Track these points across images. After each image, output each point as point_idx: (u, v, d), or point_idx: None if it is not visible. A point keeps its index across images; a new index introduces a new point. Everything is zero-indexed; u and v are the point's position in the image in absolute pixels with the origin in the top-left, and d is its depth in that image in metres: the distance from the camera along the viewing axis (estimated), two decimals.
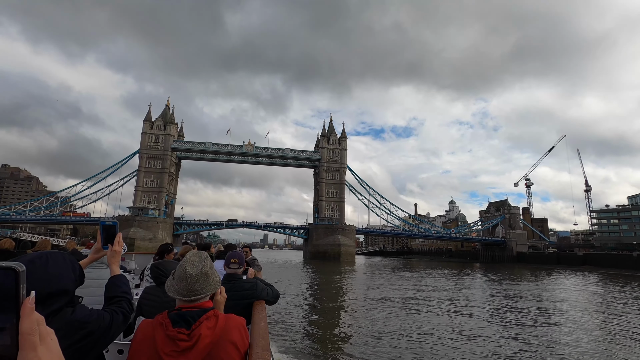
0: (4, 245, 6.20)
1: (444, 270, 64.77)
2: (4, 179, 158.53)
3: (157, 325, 1.89)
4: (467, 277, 52.88)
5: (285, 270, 58.04)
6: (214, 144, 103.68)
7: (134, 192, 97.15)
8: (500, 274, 59.76)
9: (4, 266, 0.57)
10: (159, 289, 3.40)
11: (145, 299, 3.36)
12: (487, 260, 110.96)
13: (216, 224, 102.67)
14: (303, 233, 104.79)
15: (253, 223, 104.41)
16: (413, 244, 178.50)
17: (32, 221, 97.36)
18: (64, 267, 1.67)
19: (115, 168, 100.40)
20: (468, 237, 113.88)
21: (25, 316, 0.60)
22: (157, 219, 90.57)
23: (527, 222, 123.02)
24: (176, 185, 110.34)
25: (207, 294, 2.03)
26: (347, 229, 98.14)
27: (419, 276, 50.78)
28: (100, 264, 3.55)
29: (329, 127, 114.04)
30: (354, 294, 29.45)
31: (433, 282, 41.25)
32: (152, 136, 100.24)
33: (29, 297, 0.60)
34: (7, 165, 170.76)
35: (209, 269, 2.08)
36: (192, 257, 2.10)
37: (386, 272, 57.03)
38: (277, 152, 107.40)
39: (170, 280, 2.06)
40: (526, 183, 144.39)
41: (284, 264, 73.66)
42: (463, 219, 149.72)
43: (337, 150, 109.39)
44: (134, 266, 10.25)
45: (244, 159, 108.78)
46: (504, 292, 32.63)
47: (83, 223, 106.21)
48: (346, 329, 16.71)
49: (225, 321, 1.95)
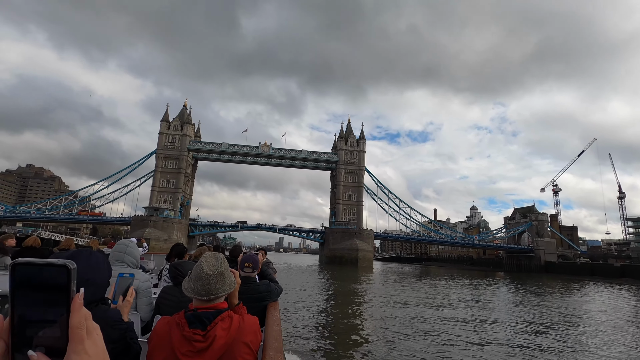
0: (30, 242, 6.54)
1: (466, 279, 60.82)
2: (29, 178, 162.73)
3: (173, 325, 1.96)
4: (492, 287, 49.12)
5: (301, 275, 55.36)
6: (230, 144, 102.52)
7: (150, 192, 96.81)
8: (528, 284, 55.39)
9: (57, 263, 0.60)
10: (176, 288, 3.47)
11: (163, 299, 3.47)
12: (512, 269, 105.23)
13: (231, 226, 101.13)
14: (319, 237, 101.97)
15: (268, 225, 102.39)
16: (432, 250, 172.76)
17: (49, 220, 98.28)
18: (103, 265, 1.89)
19: (132, 168, 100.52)
20: (492, 244, 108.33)
21: (75, 311, 0.63)
22: (172, 219, 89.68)
23: (555, 229, 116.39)
24: (192, 186, 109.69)
25: (223, 294, 2.09)
26: (365, 234, 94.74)
27: (441, 285, 47.17)
28: (121, 262, 3.66)
29: (347, 128, 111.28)
30: (372, 302, 26.99)
31: (455, 292, 37.79)
32: (169, 136, 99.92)
33: (78, 293, 0.63)
34: (32, 165, 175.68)
35: (225, 270, 2.15)
36: (209, 258, 2.17)
37: (406, 280, 53.60)
38: (294, 154, 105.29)
39: (187, 280, 2.11)
40: (553, 189, 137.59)
41: (299, 269, 71.02)
42: (485, 225, 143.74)
43: (355, 152, 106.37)
44: (152, 266, 10.49)
45: (260, 160, 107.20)
46: (535, 306, 28.88)
47: (99, 222, 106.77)
48: (361, 337, 15.36)
49: (240, 322, 2.02)
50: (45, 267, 0.60)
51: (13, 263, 0.58)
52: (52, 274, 0.60)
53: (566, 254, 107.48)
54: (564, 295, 40.60)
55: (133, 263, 3.75)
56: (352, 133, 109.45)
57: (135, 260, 3.78)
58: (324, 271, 68.94)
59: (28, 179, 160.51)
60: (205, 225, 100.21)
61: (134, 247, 3.86)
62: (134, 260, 3.77)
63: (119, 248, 3.74)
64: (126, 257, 3.70)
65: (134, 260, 3.77)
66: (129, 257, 3.71)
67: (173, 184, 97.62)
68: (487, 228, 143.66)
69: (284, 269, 64.98)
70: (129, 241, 3.95)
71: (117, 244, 3.84)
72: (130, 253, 3.74)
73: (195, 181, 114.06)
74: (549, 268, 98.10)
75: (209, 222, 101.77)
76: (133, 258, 3.76)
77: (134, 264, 3.75)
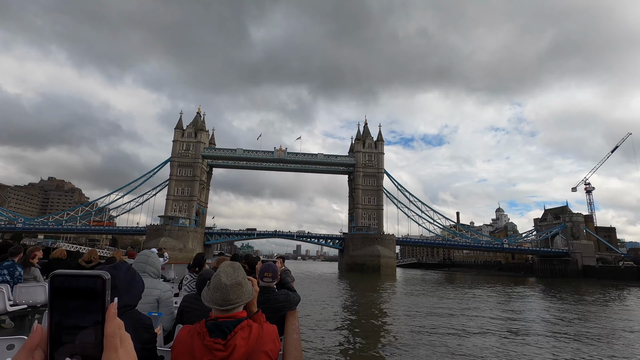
0: (57, 254, 7.47)
1: (499, 287, 55.86)
2: (50, 191, 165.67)
3: (194, 334, 2.01)
4: (529, 295, 44.25)
5: (320, 284, 51.53)
6: (244, 150, 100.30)
7: (165, 201, 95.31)
8: (568, 291, 49.94)
9: (93, 274, 0.64)
10: (199, 297, 3.45)
11: (186, 307, 3.49)
12: (545, 274, 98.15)
13: (247, 233, 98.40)
14: (338, 243, 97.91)
15: (285, 233, 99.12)
16: (456, 255, 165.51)
17: (66, 231, 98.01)
18: (138, 276, 2.14)
19: (147, 177, 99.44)
20: (523, 248, 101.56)
21: (109, 320, 0.66)
22: (187, 228, 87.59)
23: (591, 231, 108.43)
24: (207, 194, 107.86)
25: (241, 303, 2.11)
26: (387, 239, 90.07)
27: (471, 293, 42.35)
28: (143, 273, 3.75)
29: (364, 130, 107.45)
30: (398, 314, 24.00)
31: (488, 302, 33.32)
32: (183, 144, 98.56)
33: (112, 302, 0.66)
34: (53, 177, 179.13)
35: (242, 279, 2.17)
36: (226, 268, 2.20)
37: (432, 289, 49.02)
38: (310, 158, 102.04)
39: (206, 290, 2.15)
40: (586, 188, 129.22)
41: (318, 277, 67.18)
42: (513, 228, 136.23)
43: (374, 154, 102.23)
44: (173, 275, 10.55)
45: (275, 166, 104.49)
46: (586, 318, 24.36)
47: (115, 233, 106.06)
48: (386, 353, 13.86)
49: (259, 331, 2.05)
50: (82, 278, 0.64)
51: (52, 274, 0.62)
52: (89, 284, 0.63)
53: (605, 257, 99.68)
54: (614, 302, 35.54)
55: (155, 273, 3.85)
56: (370, 134, 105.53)
57: (156, 271, 3.88)
58: (344, 279, 64.90)
59: (50, 192, 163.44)
60: (221, 233, 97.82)
61: (155, 257, 3.97)
62: (156, 270, 3.88)
63: (141, 259, 3.85)
64: (148, 267, 3.81)
65: (156, 271, 3.87)
66: (151, 268, 3.82)
67: (188, 192, 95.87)
68: (515, 231, 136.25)
69: (303, 278, 61.29)
70: (150, 252, 4.04)
71: (139, 255, 3.93)
72: (152, 264, 3.85)
73: (210, 189, 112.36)
74: (587, 273, 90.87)
75: (223, 230, 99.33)
76: (155, 268, 3.86)
77: (155, 274, 3.86)
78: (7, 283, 6.49)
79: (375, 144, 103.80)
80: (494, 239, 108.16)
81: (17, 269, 6.62)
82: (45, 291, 6.52)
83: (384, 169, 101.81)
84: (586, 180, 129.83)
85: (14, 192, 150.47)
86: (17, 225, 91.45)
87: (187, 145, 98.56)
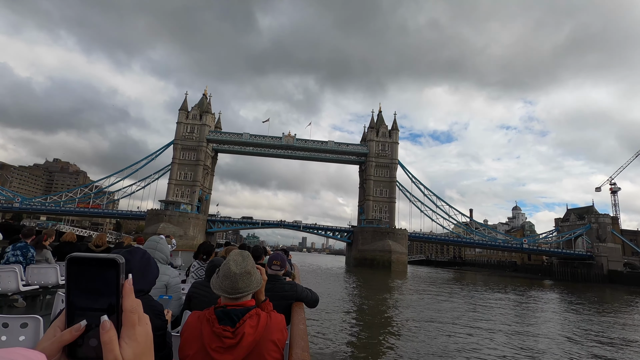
0: (67, 237, 7.95)
1: (517, 288, 51.15)
2: (54, 172, 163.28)
3: (204, 320, 2.05)
4: (551, 299, 39.50)
5: (328, 280, 46.60)
6: (251, 135, 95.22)
7: (167, 185, 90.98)
8: (594, 298, 44.73)
9: (108, 257, 0.65)
10: (208, 283, 3.45)
11: (194, 293, 3.50)
12: (565, 277, 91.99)
13: (251, 222, 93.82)
14: (346, 236, 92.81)
15: (292, 223, 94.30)
16: (467, 254, 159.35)
17: (64, 212, 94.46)
18: (152, 261, 2.17)
19: (149, 160, 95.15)
20: (544, 249, 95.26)
21: (127, 295, 0.66)
22: (188, 214, 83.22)
23: (617, 233, 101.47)
24: (211, 180, 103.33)
25: (250, 292, 2.14)
26: (399, 234, 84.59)
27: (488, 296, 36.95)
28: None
29: (378, 117, 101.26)
30: (412, 317, 21.38)
31: (509, 306, 28.68)
32: (187, 126, 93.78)
33: (128, 279, 0.68)
34: (59, 159, 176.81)
35: (251, 268, 2.19)
36: (236, 257, 2.21)
37: (447, 288, 44.02)
38: (320, 145, 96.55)
39: (215, 277, 2.18)
40: (611, 188, 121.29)
41: (325, 273, 62.29)
42: (530, 227, 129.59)
43: (387, 144, 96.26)
44: (180, 262, 11.10)
45: (283, 153, 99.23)
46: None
47: (114, 216, 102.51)
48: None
49: (267, 320, 2.08)
50: (97, 261, 0.64)
51: (69, 256, 0.63)
52: (104, 267, 0.65)
53: (633, 263, 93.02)
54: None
55: (163, 259, 3.87)
56: (384, 123, 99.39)
57: (165, 257, 3.92)
58: (353, 275, 59.98)
59: (54, 173, 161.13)
60: (224, 221, 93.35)
61: (164, 243, 3.99)
62: (164, 256, 3.90)
63: (150, 245, 3.87)
64: (157, 253, 3.85)
65: (164, 257, 3.90)
66: (160, 254, 3.85)
67: (191, 177, 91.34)
68: (532, 230, 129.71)
69: (309, 272, 56.40)
70: (160, 238, 4.07)
71: (148, 241, 3.97)
72: (161, 250, 3.88)
73: (217, 178, 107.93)
74: (613, 278, 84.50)
75: (226, 218, 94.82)
76: (164, 254, 3.89)
77: (164, 260, 3.88)
78: (20, 264, 6.79)
79: (389, 132, 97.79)
80: (513, 238, 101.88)
81: (29, 251, 6.93)
82: (57, 273, 7.04)
83: (398, 160, 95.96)
84: (612, 180, 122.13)
85: (17, 172, 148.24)
86: (14, 205, 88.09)
87: (192, 127, 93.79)
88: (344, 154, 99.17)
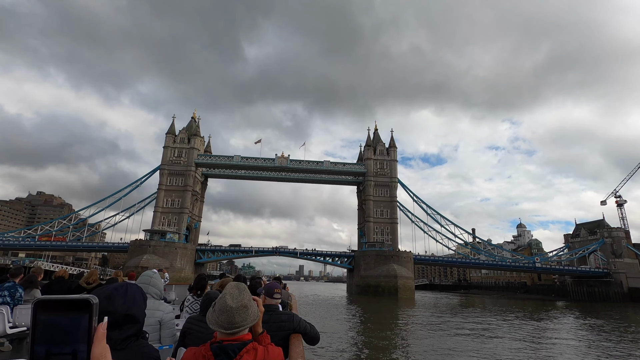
0: (60, 274, 7.61)
1: (535, 313, 46.47)
2: (37, 206, 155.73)
3: (200, 357, 1.98)
4: (580, 326, 34.36)
5: (329, 313, 40.36)
6: (242, 157, 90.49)
7: (153, 214, 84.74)
8: (621, 321, 39.46)
9: (79, 299, 0.61)
10: (204, 318, 3.34)
11: (189, 329, 3.36)
12: (581, 297, 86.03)
13: (244, 251, 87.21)
14: (347, 262, 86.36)
15: (288, 250, 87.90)
16: (472, 276, 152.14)
17: (39, 248, 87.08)
18: (140, 297, 1.98)
19: (133, 187, 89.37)
20: (560, 267, 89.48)
21: (97, 340, 0.63)
22: (175, 244, 76.61)
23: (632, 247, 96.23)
24: (201, 207, 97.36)
25: (247, 326, 2.06)
26: (404, 257, 78.57)
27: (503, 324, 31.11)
28: (145, 294, 3.45)
29: (375, 135, 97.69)
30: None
31: (543, 338, 23.32)
32: (174, 150, 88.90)
33: (102, 322, 0.64)
34: (42, 192, 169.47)
35: (248, 301, 2.12)
36: (232, 289, 2.13)
37: (459, 316, 38.24)
38: (315, 166, 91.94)
39: (211, 312, 2.08)
40: (617, 201, 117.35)
41: (326, 303, 55.70)
42: (538, 245, 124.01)
43: (386, 162, 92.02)
44: (173, 297, 10.27)
45: (276, 175, 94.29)
46: None
47: (95, 250, 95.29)
48: None
49: (264, 354, 2.03)
50: (68, 303, 0.60)
51: (35, 300, 0.60)
52: (75, 309, 0.60)
53: None
54: None
55: (157, 294, 3.74)
56: (381, 140, 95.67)
57: (159, 292, 3.78)
58: (357, 304, 53.58)
59: (37, 207, 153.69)
60: (215, 250, 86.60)
61: (157, 278, 3.86)
62: (158, 291, 3.77)
63: (143, 280, 3.73)
64: (150, 288, 3.71)
65: (158, 292, 3.77)
66: (153, 289, 3.72)
67: (178, 204, 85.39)
68: (540, 248, 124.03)
69: (308, 304, 49.93)
70: (153, 272, 3.94)
71: (141, 276, 3.83)
72: (154, 284, 3.75)
73: (207, 206, 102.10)
74: (635, 296, 78.74)
75: (217, 246, 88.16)
76: (157, 289, 3.76)
77: (158, 295, 3.75)
78: (7, 305, 6.46)
79: (387, 150, 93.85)
80: (524, 257, 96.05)
81: (17, 290, 6.55)
82: None
83: (398, 178, 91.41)
84: (616, 193, 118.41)
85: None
86: None
87: (179, 151, 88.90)
88: (340, 174, 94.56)
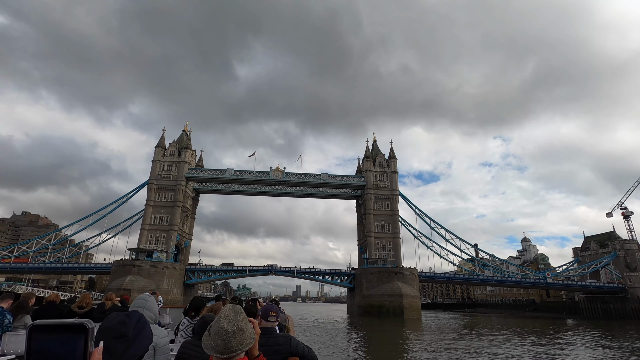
0: (51, 298, 7.43)
1: (548, 332, 42.08)
2: (21, 226, 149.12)
3: None
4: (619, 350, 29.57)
5: (332, 339, 35.24)
6: (236, 170, 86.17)
7: (140, 231, 79.35)
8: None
9: (75, 324, 0.58)
10: (199, 342, 3.22)
11: (184, 353, 3.28)
12: (595, 315, 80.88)
13: (237, 270, 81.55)
14: (347, 280, 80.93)
15: (284, 269, 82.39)
16: (477, 293, 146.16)
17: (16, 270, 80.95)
18: (147, 326, 2.00)
19: (119, 203, 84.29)
20: (573, 283, 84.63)
21: None
22: (162, 263, 71.00)
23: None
24: (192, 224, 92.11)
25: (243, 349, 2.02)
26: (408, 274, 73.44)
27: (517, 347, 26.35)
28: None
29: (373, 147, 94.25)
30: None
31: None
32: (164, 164, 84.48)
33: (97, 348, 0.60)
34: (28, 212, 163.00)
35: (244, 324, 2.08)
36: (227, 312, 2.10)
37: (472, 339, 33.31)
38: (312, 179, 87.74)
39: (207, 336, 2.04)
40: (623, 213, 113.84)
41: (326, 326, 50.29)
42: (544, 260, 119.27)
43: (386, 174, 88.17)
44: (168, 320, 9.98)
45: (271, 190, 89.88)
46: None
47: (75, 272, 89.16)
48: None
49: None
50: (62, 327, 0.57)
51: (31, 325, 0.56)
52: (71, 334, 0.57)
53: None
54: None
55: (152, 318, 3.71)
56: (380, 152, 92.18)
57: (154, 315, 3.76)
58: (360, 327, 48.30)
59: (21, 228, 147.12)
60: (206, 270, 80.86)
61: (152, 302, 3.84)
62: (153, 315, 3.74)
63: (138, 303, 3.70)
64: (145, 312, 3.63)
65: (153, 316, 3.74)
66: (148, 313, 3.68)
67: (167, 220, 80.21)
68: (547, 263, 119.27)
69: (306, 329, 44.63)
70: (148, 295, 3.93)
71: (136, 300, 3.80)
72: (149, 308, 3.72)
73: (201, 226, 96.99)
74: None
75: (208, 266, 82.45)
76: (152, 313, 3.74)
77: (152, 319, 3.73)
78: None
79: (387, 162, 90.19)
80: (533, 272, 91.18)
81: (5, 317, 6.22)
82: None
83: (399, 191, 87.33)
84: (622, 204, 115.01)
85: None
86: None
87: (169, 165, 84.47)
88: (339, 187, 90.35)
